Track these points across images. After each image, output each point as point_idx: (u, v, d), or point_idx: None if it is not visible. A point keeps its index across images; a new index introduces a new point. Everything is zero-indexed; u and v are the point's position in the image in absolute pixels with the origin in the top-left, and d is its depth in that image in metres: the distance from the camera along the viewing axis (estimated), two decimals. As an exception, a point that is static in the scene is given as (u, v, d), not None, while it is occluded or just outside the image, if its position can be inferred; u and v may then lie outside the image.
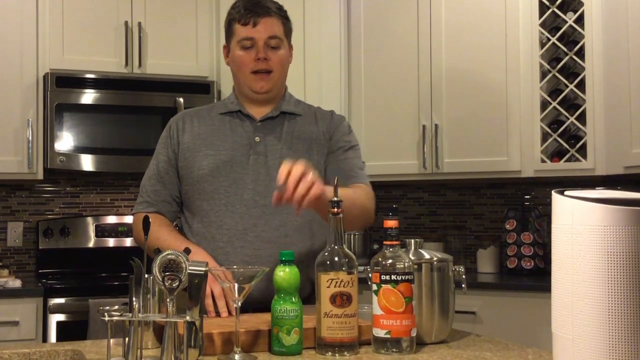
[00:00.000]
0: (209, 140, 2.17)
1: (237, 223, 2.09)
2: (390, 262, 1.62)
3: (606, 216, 1.21)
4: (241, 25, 2.14)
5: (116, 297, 3.38)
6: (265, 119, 2.19)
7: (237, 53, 2.17)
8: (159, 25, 3.96)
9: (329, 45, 4.04)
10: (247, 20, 2.13)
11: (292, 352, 1.61)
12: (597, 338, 1.22)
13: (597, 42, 3.50)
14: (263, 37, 2.13)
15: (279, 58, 2.17)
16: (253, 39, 2.13)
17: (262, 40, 2.13)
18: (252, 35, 2.13)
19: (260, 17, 2.13)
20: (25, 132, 3.69)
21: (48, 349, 1.70)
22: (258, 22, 2.13)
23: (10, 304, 3.35)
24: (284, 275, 1.63)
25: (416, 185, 4.33)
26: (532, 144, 3.65)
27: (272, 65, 2.15)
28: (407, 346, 1.61)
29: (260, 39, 2.13)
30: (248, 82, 2.17)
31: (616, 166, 3.40)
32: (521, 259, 3.83)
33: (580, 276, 1.24)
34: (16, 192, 4.04)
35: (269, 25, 2.14)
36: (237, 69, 2.19)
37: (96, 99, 3.81)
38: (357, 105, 4.07)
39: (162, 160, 2.21)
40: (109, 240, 4.06)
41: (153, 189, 2.20)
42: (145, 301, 1.51)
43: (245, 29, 2.14)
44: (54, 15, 3.79)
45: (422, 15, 3.92)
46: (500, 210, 4.09)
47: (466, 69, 3.82)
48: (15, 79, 3.70)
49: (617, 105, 3.39)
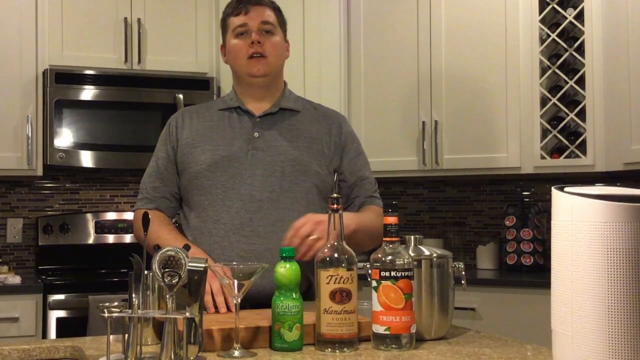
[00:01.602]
0: (208, 136, 2.17)
1: (233, 218, 2.10)
2: (389, 259, 1.63)
3: (606, 212, 1.21)
4: (234, 16, 2.19)
5: (116, 293, 3.40)
6: (264, 114, 2.20)
7: (232, 42, 2.19)
8: (159, 21, 3.96)
9: (328, 42, 4.04)
10: (240, 10, 2.18)
11: (293, 348, 1.61)
12: (596, 334, 1.22)
13: (597, 39, 3.49)
14: (256, 23, 2.17)
15: (273, 43, 2.19)
16: (246, 24, 2.17)
17: (255, 26, 2.16)
18: (245, 21, 2.17)
19: (251, 5, 2.18)
20: (24, 129, 3.68)
21: (48, 345, 1.70)
22: (250, 9, 2.17)
23: (10, 300, 3.35)
24: (285, 272, 1.63)
25: (416, 182, 4.33)
26: (531, 140, 3.65)
27: (267, 49, 2.17)
28: (406, 342, 1.62)
29: (253, 25, 2.16)
30: (244, 68, 2.18)
31: (616, 162, 3.40)
32: (521, 256, 3.83)
33: (580, 272, 1.24)
34: (16, 189, 4.04)
35: (261, 12, 2.18)
36: (233, 59, 2.21)
37: (96, 95, 3.81)
38: (357, 102, 4.07)
39: (161, 157, 2.22)
40: (109, 236, 4.06)
41: (152, 186, 2.21)
42: (145, 297, 1.51)
43: (238, 18, 2.18)
44: (53, 12, 3.78)
45: (422, 11, 3.92)
46: (500, 207, 4.10)
47: (466, 65, 3.82)
48: (14, 75, 3.70)
49: (616, 102, 3.38)
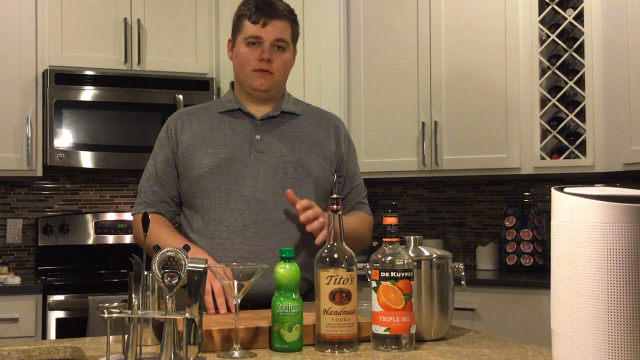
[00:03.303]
0: (209, 139, 2.16)
1: (237, 220, 2.10)
2: (389, 259, 1.63)
3: (605, 213, 1.21)
4: (251, 23, 2.14)
5: (115, 294, 3.40)
6: (265, 117, 2.19)
7: (242, 50, 2.17)
8: (158, 21, 3.96)
9: (328, 43, 4.03)
10: (258, 19, 2.13)
11: (293, 348, 1.61)
12: (596, 335, 1.22)
13: (597, 39, 3.49)
14: (270, 39, 2.13)
15: (282, 61, 2.17)
16: (260, 38, 2.13)
17: (268, 41, 2.13)
18: (259, 34, 2.13)
19: (270, 18, 2.13)
20: (24, 129, 3.68)
21: (47, 345, 1.70)
22: (268, 22, 2.13)
23: (10, 301, 3.35)
24: (285, 272, 1.63)
25: (415, 182, 4.33)
26: (531, 140, 3.65)
27: (275, 67, 2.15)
28: (406, 343, 1.62)
29: (267, 39, 2.13)
30: (249, 79, 2.17)
31: (615, 163, 3.40)
32: (520, 256, 3.83)
33: (580, 273, 1.24)
34: (15, 189, 4.04)
35: (278, 28, 2.14)
36: (239, 66, 2.19)
37: (95, 96, 3.81)
38: (357, 103, 4.07)
39: (160, 161, 2.20)
40: (109, 237, 4.06)
41: (151, 190, 2.20)
42: (145, 298, 1.51)
43: (254, 27, 2.14)
44: (53, 12, 3.78)
45: (422, 12, 3.91)
46: (500, 207, 4.10)
47: (466, 65, 3.82)
48: (14, 76, 3.70)
49: (616, 102, 3.38)
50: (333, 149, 2.22)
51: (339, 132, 2.27)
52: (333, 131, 2.25)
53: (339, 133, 2.27)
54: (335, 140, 2.24)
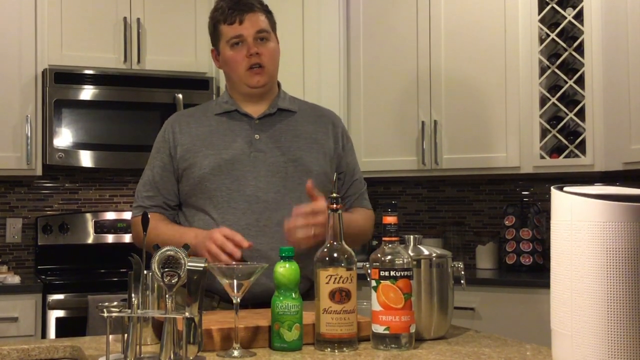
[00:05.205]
0: (209, 141, 2.17)
1: (239, 219, 2.10)
2: (389, 258, 1.63)
3: (605, 212, 1.21)
4: (227, 25, 2.16)
5: (115, 293, 3.40)
6: (263, 116, 2.20)
7: (228, 53, 2.18)
8: (158, 21, 3.95)
9: (328, 43, 4.03)
10: (233, 19, 2.15)
11: (293, 347, 1.61)
12: (595, 334, 1.22)
13: (597, 38, 3.49)
14: (251, 33, 2.15)
15: (270, 51, 2.18)
16: (242, 36, 2.15)
17: (250, 36, 2.15)
18: (240, 32, 2.15)
19: (245, 14, 2.15)
20: (24, 128, 3.68)
21: (47, 345, 1.70)
22: (244, 18, 2.15)
23: (10, 300, 3.35)
24: (284, 272, 1.63)
25: (415, 182, 4.33)
26: (531, 140, 3.65)
27: (264, 59, 2.16)
28: (406, 342, 1.62)
29: (249, 35, 2.15)
30: (244, 79, 2.17)
31: (615, 162, 3.40)
32: (520, 255, 3.83)
33: (579, 272, 1.24)
34: (15, 188, 4.04)
35: (255, 21, 2.16)
36: (230, 70, 2.20)
37: (95, 95, 3.81)
38: (356, 102, 4.07)
39: (157, 165, 2.21)
40: (108, 236, 4.06)
41: (147, 195, 2.21)
42: (145, 297, 1.51)
43: (232, 28, 2.15)
44: (53, 11, 3.78)
45: (421, 11, 3.91)
46: (499, 207, 4.10)
47: (465, 65, 3.82)
48: (14, 75, 3.70)
49: (616, 102, 3.38)
50: (332, 145, 2.23)
51: (337, 128, 2.28)
52: (331, 128, 2.26)
53: (337, 129, 2.27)
54: (334, 136, 2.25)
